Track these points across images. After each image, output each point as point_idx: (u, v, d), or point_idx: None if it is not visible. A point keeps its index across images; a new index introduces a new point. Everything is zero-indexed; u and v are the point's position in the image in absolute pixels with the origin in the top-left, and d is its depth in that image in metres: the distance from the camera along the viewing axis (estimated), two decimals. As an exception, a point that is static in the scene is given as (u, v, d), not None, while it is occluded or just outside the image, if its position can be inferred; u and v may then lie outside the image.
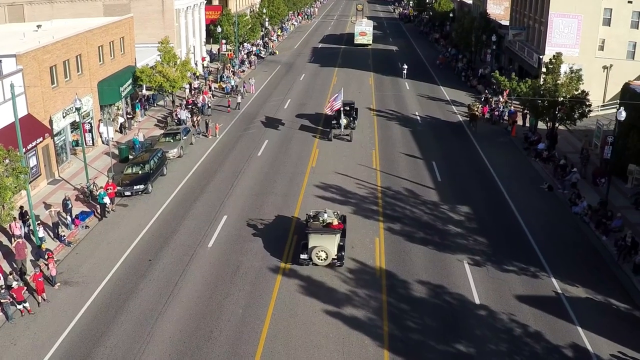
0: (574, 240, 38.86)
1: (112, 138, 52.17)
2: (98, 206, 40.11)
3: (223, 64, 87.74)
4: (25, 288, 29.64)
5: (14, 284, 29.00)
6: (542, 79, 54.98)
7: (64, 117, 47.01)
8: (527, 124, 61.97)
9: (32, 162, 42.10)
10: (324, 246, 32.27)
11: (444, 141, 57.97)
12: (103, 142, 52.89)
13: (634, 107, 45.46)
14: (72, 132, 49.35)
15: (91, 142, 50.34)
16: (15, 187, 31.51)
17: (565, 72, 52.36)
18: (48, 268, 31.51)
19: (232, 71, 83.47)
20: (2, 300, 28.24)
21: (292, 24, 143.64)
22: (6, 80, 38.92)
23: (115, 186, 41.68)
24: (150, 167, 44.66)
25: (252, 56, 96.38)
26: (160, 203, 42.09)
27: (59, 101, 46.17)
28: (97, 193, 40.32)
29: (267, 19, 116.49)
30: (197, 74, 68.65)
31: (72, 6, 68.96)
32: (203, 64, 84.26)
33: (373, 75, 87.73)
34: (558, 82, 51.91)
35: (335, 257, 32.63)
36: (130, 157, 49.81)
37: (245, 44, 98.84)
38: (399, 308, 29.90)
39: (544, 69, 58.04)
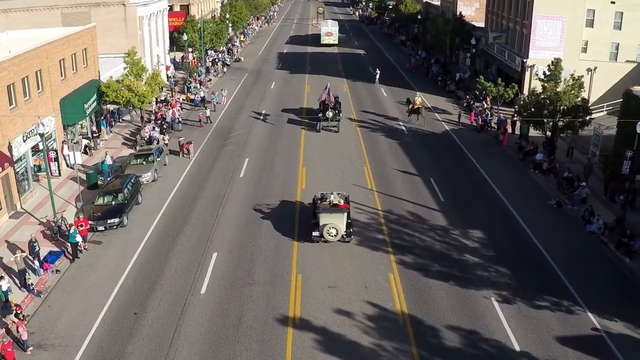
0: (596, 264, 36.20)
1: (78, 163, 47.84)
2: (69, 245, 35.51)
3: (189, 73, 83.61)
4: (-8, 361, 24.93)
5: (-22, 360, 24.28)
6: (541, 87, 51.64)
7: (24, 141, 42.57)
8: (518, 132, 58.82)
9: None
10: (334, 223, 35.39)
11: (436, 153, 55.01)
12: (68, 166, 48.61)
13: (634, 113, 43.50)
14: (33, 156, 44.53)
15: (57, 172, 45.35)
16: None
17: (565, 79, 49.58)
18: (17, 329, 26.68)
19: (198, 81, 79.32)
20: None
21: (253, 28, 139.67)
22: None
23: (87, 222, 37.01)
24: (124, 196, 40.14)
25: (218, 64, 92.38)
26: (139, 238, 37.60)
27: (19, 124, 41.63)
28: (67, 232, 35.74)
29: (230, 25, 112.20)
30: (162, 85, 64.24)
31: (28, 15, 64.70)
32: (168, 73, 79.79)
33: (346, 81, 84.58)
34: (559, 89, 49.04)
35: (345, 233, 35.76)
36: (100, 182, 45.60)
37: (209, 52, 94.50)
38: (434, 364, 25.99)
39: (541, 75, 55.36)
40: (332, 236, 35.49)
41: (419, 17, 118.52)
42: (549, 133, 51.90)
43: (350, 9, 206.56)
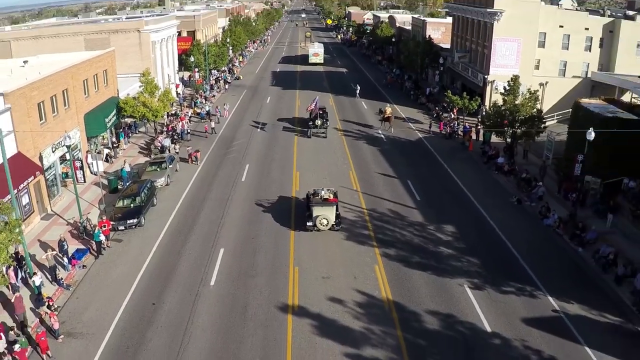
0: (553, 253, 35.89)
1: (102, 171, 47.24)
2: (94, 243, 34.75)
3: (195, 90, 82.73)
4: (29, 349, 24.22)
5: (16, 347, 23.56)
6: (502, 99, 51.40)
7: (53, 151, 41.74)
8: (481, 139, 58.62)
9: (25, 200, 36.79)
10: (325, 215, 35.92)
11: (411, 158, 54.32)
12: (91, 173, 47.67)
13: (582, 122, 43.59)
14: (61, 164, 43.62)
15: (82, 178, 44.54)
16: (9, 241, 25.86)
17: (522, 93, 49.38)
18: (50, 319, 26.04)
19: (204, 97, 78.43)
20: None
21: (249, 50, 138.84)
22: None
23: (109, 222, 36.25)
24: (141, 199, 39.43)
25: (221, 81, 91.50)
26: (155, 236, 36.81)
27: (48, 136, 40.87)
28: (92, 232, 35.05)
29: (230, 47, 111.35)
30: (173, 101, 63.62)
31: (55, 41, 63.91)
32: (177, 91, 78.95)
33: (331, 96, 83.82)
34: (517, 102, 48.87)
35: (334, 222, 36.32)
36: (120, 187, 44.77)
37: (212, 71, 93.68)
38: (417, 344, 25.83)
39: (501, 90, 55.23)
40: (323, 225, 35.94)
41: (393, 39, 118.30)
42: (509, 140, 51.53)
43: (333, 33, 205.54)
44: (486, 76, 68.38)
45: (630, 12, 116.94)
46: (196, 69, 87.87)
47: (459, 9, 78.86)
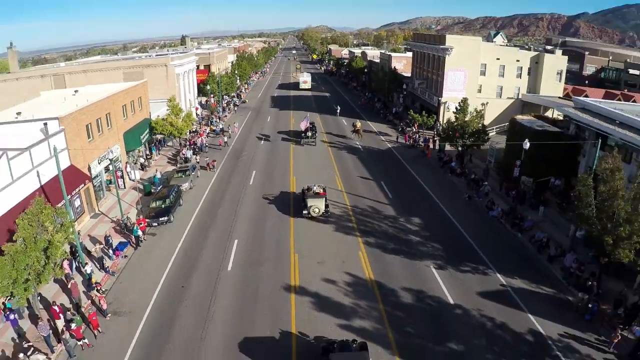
0: (498, 239, 35.39)
1: (138, 178, 46.27)
2: (133, 238, 33.72)
3: (211, 112, 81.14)
4: (83, 326, 23.27)
5: (73, 325, 22.61)
6: (454, 117, 50.83)
7: (99, 163, 40.44)
8: (437, 148, 57.86)
9: (77, 203, 35.66)
10: (317, 205, 36.53)
11: (383, 164, 53.23)
12: (130, 179, 46.40)
13: (517, 134, 43.33)
14: (105, 173, 42.36)
15: (123, 185, 43.43)
16: (65, 239, 24.89)
17: (470, 112, 48.79)
18: (99, 301, 25.08)
19: (218, 117, 77.06)
20: (67, 342, 22.00)
21: (253, 79, 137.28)
22: (51, 140, 32.72)
23: (145, 220, 35.26)
24: (170, 200, 38.44)
25: (231, 104, 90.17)
26: (182, 231, 35.74)
27: (95, 151, 39.62)
28: (132, 228, 34.06)
29: (238, 77, 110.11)
30: (193, 121, 62.51)
31: (100, 74, 62.45)
32: (197, 112, 77.62)
33: (318, 115, 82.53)
34: (466, 119, 48.26)
35: (324, 211, 36.77)
36: (152, 191, 43.30)
37: (224, 96, 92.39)
38: (395, 315, 25.22)
39: (452, 109, 54.74)
40: (315, 213, 36.44)
41: (365, 70, 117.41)
42: (460, 148, 50.76)
43: (317, 65, 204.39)
44: (440, 98, 67.69)
45: (549, 47, 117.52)
46: (211, 95, 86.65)
47: (418, 46, 78.26)
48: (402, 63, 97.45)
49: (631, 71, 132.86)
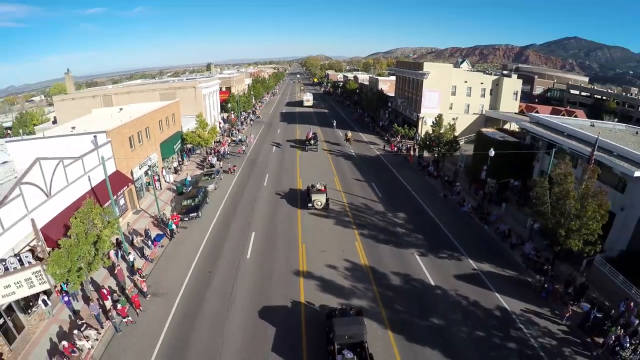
0: (469, 230, 34.73)
1: (172, 181, 45.58)
2: (168, 230, 33.15)
3: (231, 125, 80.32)
4: (127, 306, 22.69)
5: (119, 305, 22.03)
6: (431, 130, 50.13)
7: (140, 168, 39.78)
8: (417, 155, 57.30)
9: (122, 202, 35.11)
10: (320, 199, 37.12)
11: (374, 169, 52.40)
12: (165, 182, 45.67)
13: (483, 144, 43.08)
14: (145, 176, 41.67)
15: (159, 186, 42.73)
16: (112, 233, 24.30)
17: (445, 126, 48.09)
18: (141, 285, 24.48)
19: (237, 129, 76.20)
20: (113, 319, 21.43)
21: (265, 99, 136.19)
22: (100, 150, 32.31)
23: (178, 216, 34.61)
24: (199, 199, 37.80)
25: (248, 119, 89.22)
26: (208, 225, 35.08)
27: (136, 159, 39.04)
28: (167, 222, 33.46)
29: (253, 97, 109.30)
30: (217, 132, 61.77)
31: (141, 95, 61.98)
32: (220, 126, 76.82)
33: (319, 127, 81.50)
34: (441, 131, 47.59)
35: (325, 204, 37.27)
36: (184, 191, 42.66)
37: (242, 112, 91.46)
38: (387, 295, 24.72)
39: (430, 123, 54.15)
40: (318, 206, 37.09)
41: (357, 91, 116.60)
42: (436, 155, 50.10)
43: (318, 87, 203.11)
44: (418, 114, 66.93)
45: (505, 72, 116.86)
46: (232, 112, 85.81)
47: (400, 71, 77.33)
48: (387, 85, 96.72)
49: (572, 91, 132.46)
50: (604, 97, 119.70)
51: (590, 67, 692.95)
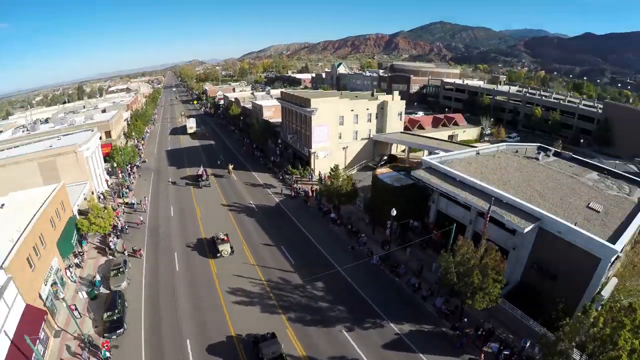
0: (382, 285, 39.67)
1: (78, 278, 43.55)
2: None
3: (121, 185, 74.18)
4: None
5: None
6: (330, 182, 55.16)
7: (45, 284, 36.77)
8: (315, 196, 61.68)
9: (41, 348, 31.51)
10: (225, 248, 46.27)
11: (277, 222, 54.76)
12: (71, 281, 42.73)
13: (379, 190, 49.07)
14: (52, 285, 38.22)
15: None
16: None
17: (342, 178, 53.45)
18: None
19: (127, 187, 72.26)
20: None
21: (147, 132, 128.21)
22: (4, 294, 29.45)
23: (107, 342, 33.32)
24: (119, 309, 36.53)
25: (134, 168, 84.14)
26: (138, 338, 33.98)
27: (39, 276, 35.92)
28: (100, 350, 32.49)
29: (136, 137, 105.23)
30: (112, 216, 57.49)
31: (16, 168, 56.30)
32: (108, 184, 72.39)
33: (209, 169, 79.75)
34: (339, 183, 52.67)
35: (230, 252, 46.44)
36: (97, 293, 40.39)
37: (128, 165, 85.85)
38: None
39: (322, 156, 59.69)
40: (225, 254, 45.96)
41: (241, 117, 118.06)
42: (336, 202, 54.05)
43: (197, 105, 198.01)
44: (310, 149, 72.07)
45: (382, 72, 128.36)
46: (118, 168, 79.74)
47: (287, 103, 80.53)
48: (271, 111, 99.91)
49: (446, 87, 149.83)
50: (477, 92, 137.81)
51: (457, 48, 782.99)
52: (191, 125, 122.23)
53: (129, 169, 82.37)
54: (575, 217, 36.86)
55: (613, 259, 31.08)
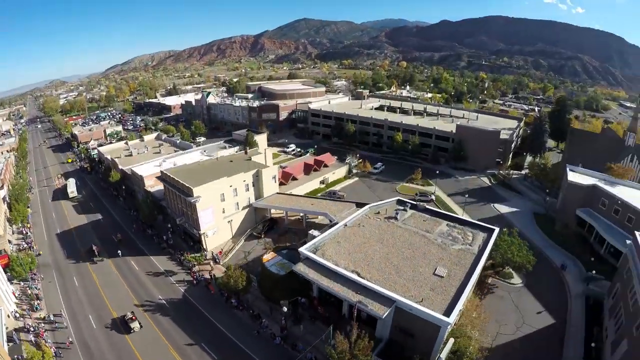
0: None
1: None
2: None
3: (31, 298, 70.16)
4: None
5: None
6: (226, 280, 62.88)
7: None
8: (215, 280, 68.78)
9: None
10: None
11: (193, 322, 59.88)
12: None
13: (268, 278, 60.24)
14: None
15: None
16: None
17: (236, 275, 61.77)
18: None
19: (36, 296, 69.71)
20: None
21: (28, 207, 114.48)
22: None
23: None
24: None
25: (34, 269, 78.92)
26: None
27: None
28: None
29: (22, 225, 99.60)
30: (22, 314, 56.02)
31: None
32: (15, 296, 68.93)
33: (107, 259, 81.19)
34: (236, 281, 61.49)
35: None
36: None
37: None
38: None
39: (211, 234, 72.54)
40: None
41: (123, 187, 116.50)
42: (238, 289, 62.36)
43: (70, 152, 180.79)
44: (200, 231, 78.58)
45: (251, 98, 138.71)
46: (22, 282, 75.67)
47: (170, 186, 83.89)
48: (152, 180, 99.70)
49: (312, 113, 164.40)
50: (342, 118, 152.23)
51: (321, 44, 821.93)
52: (72, 189, 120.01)
53: (31, 275, 77.31)
54: (424, 288, 51.10)
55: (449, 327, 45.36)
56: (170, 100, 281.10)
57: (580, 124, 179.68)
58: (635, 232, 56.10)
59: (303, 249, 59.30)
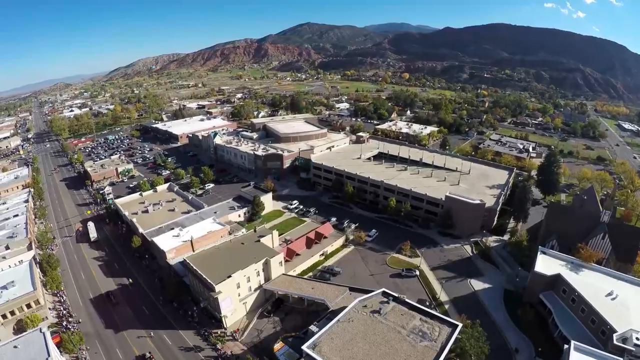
0: None
1: None
2: None
3: None
4: None
5: None
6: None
7: None
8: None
9: None
10: None
11: None
12: None
13: None
14: None
15: None
16: None
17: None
18: None
19: None
20: None
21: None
22: None
23: None
24: None
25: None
26: None
27: None
28: None
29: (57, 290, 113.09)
30: None
31: None
32: None
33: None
34: None
35: None
36: None
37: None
38: None
39: (230, 314, 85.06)
40: None
41: (145, 250, 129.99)
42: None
43: (89, 213, 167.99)
44: (221, 314, 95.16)
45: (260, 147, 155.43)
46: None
47: (193, 276, 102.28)
48: (172, 253, 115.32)
49: (314, 166, 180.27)
50: (342, 174, 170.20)
51: (325, 49, 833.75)
52: (93, 235, 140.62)
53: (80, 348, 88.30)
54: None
55: None
56: (176, 129, 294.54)
57: (570, 170, 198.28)
58: (572, 341, 76.37)
59: (305, 347, 74.72)
